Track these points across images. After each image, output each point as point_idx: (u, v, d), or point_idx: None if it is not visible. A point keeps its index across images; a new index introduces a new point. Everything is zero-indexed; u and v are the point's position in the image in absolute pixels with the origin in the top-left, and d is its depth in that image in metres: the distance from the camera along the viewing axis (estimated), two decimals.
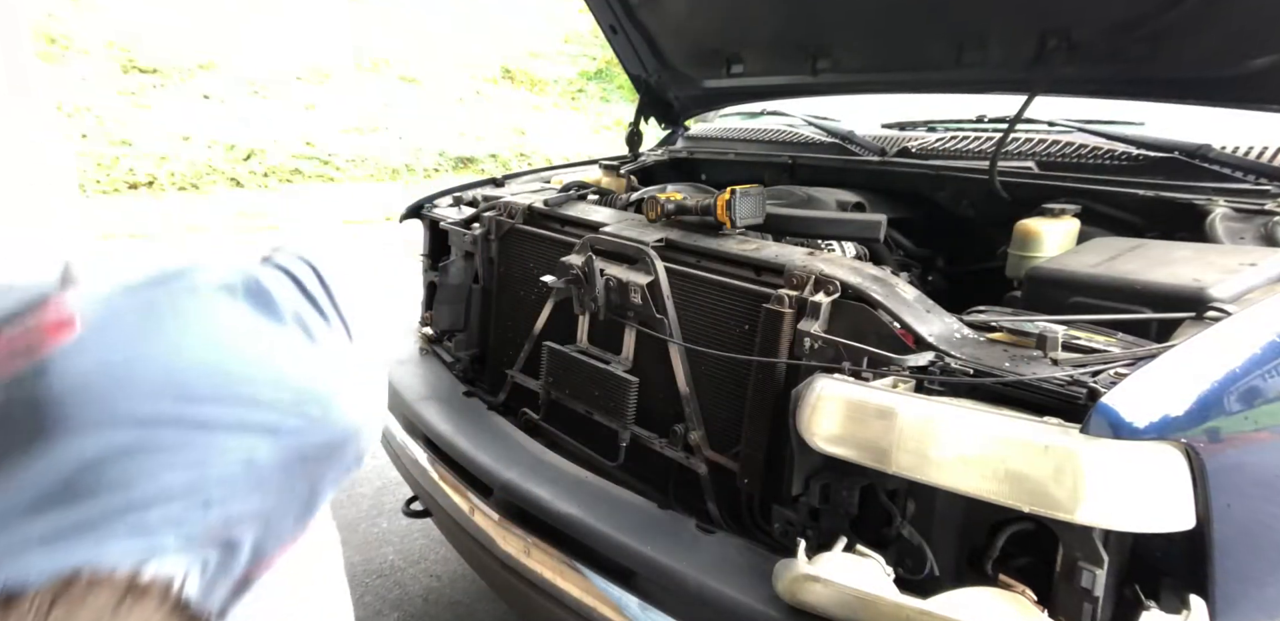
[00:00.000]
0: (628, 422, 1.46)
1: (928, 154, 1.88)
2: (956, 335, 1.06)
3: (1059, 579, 0.89)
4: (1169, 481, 0.82)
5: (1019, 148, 1.76)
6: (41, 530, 0.51)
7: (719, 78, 2.23)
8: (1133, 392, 0.83)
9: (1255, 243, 1.29)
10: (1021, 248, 1.42)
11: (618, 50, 2.34)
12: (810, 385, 1.03)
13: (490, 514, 1.45)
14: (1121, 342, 1.00)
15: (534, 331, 1.70)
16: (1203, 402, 0.83)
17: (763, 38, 2.06)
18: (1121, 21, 1.43)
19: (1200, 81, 1.44)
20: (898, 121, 2.16)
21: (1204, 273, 1.08)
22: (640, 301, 1.42)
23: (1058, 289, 1.18)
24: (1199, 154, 1.48)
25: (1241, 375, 0.87)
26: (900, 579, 0.99)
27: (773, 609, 1.03)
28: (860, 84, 2.04)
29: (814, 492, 1.11)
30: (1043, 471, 0.83)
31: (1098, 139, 1.66)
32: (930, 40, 1.75)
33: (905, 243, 1.74)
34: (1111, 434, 0.81)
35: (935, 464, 0.91)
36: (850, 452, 0.99)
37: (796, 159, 2.08)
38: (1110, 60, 1.50)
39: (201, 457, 0.55)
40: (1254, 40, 1.35)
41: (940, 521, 1.00)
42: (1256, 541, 0.91)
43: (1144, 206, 1.47)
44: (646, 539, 1.23)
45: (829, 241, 1.57)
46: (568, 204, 1.76)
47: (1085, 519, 0.82)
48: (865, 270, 1.19)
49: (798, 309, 1.17)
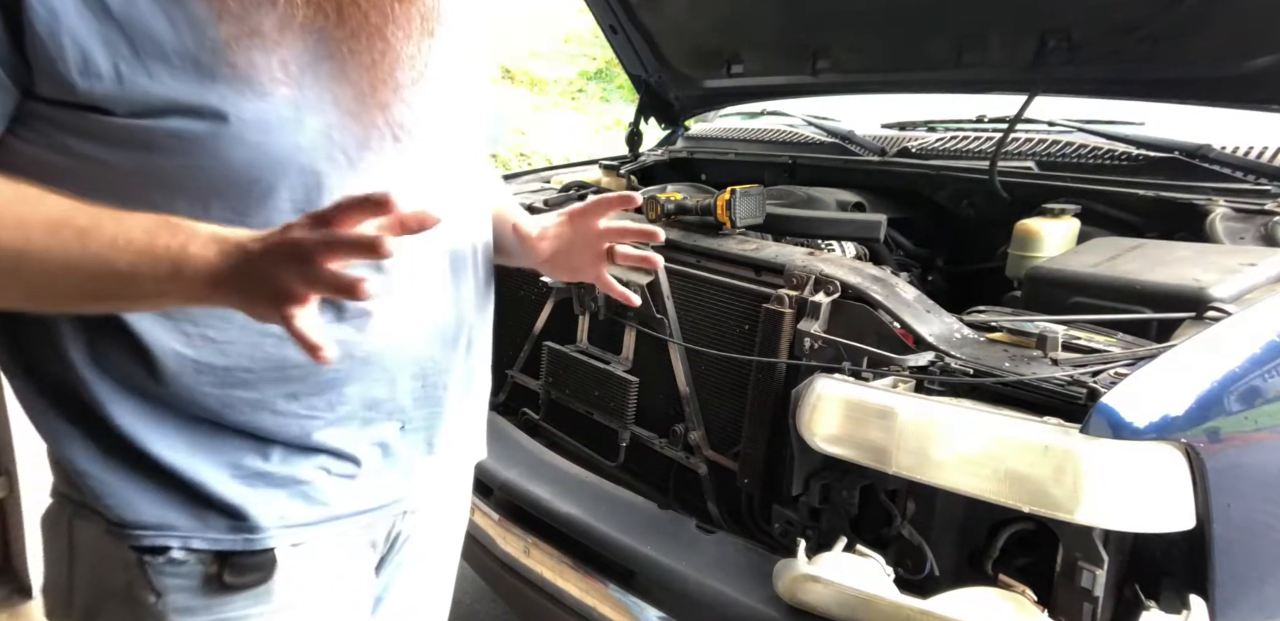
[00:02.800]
0: (628, 422, 1.46)
1: (928, 154, 1.88)
2: (956, 335, 1.06)
3: (1059, 579, 0.89)
4: (1169, 481, 0.82)
5: (1019, 148, 1.76)
6: None
7: (719, 78, 2.23)
8: (1133, 392, 0.83)
9: (1255, 243, 1.29)
10: (1021, 248, 1.42)
11: (618, 50, 2.33)
12: (810, 385, 1.03)
13: (490, 514, 1.45)
14: (1121, 342, 1.00)
15: (534, 331, 1.70)
16: (1203, 402, 0.83)
17: (763, 38, 2.06)
18: (1121, 21, 1.42)
19: (1200, 81, 1.44)
20: (898, 121, 2.16)
21: (1204, 273, 1.08)
22: (640, 301, 1.42)
23: (1058, 289, 1.18)
24: (1199, 154, 1.48)
25: (1241, 375, 0.87)
26: (900, 579, 0.99)
27: (773, 609, 1.03)
28: (860, 84, 2.04)
29: (814, 492, 1.11)
30: (1043, 471, 0.83)
31: (1098, 139, 1.66)
32: (930, 40, 1.75)
33: (905, 243, 1.74)
34: (1111, 434, 0.81)
35: (935, 464, 0.91)
36: (850, 452, 0.99)
37: (796, 159, 2.07)
38: (1110, 60, 1.50)
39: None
40: (1254, 40, 1.35)
41: (940, 521, 1.00)
42: (1256, 541, 0.91)
43: (1144, 206, 1.46)
44: (646, 539, 1.23)
45: (829, 241, 1.57)
46: (567, 204, 1.76)
47: (1085, 519, 0.82)
48: (865, 270, 1.19)
49: (798, 309, 1.17)
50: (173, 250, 0.54)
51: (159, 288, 0.55)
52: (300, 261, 0.52)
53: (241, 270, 0.54)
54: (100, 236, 0.54)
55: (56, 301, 0.59)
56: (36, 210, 0.55)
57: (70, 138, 0.58)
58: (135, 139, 0.58)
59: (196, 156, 0.59)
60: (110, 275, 0.55)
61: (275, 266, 0.53)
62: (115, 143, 0.58)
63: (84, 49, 0.54)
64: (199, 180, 0.60)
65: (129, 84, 0.55)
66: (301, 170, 0.62)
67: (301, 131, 0.61)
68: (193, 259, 0.54)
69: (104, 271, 0.54)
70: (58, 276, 0.55)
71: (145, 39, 0.56)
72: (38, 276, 0.55)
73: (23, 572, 1.87)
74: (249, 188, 0.61)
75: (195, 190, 0.60)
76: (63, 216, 0.55)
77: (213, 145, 0.58)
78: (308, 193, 0.63)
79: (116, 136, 0.57)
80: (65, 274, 0.55)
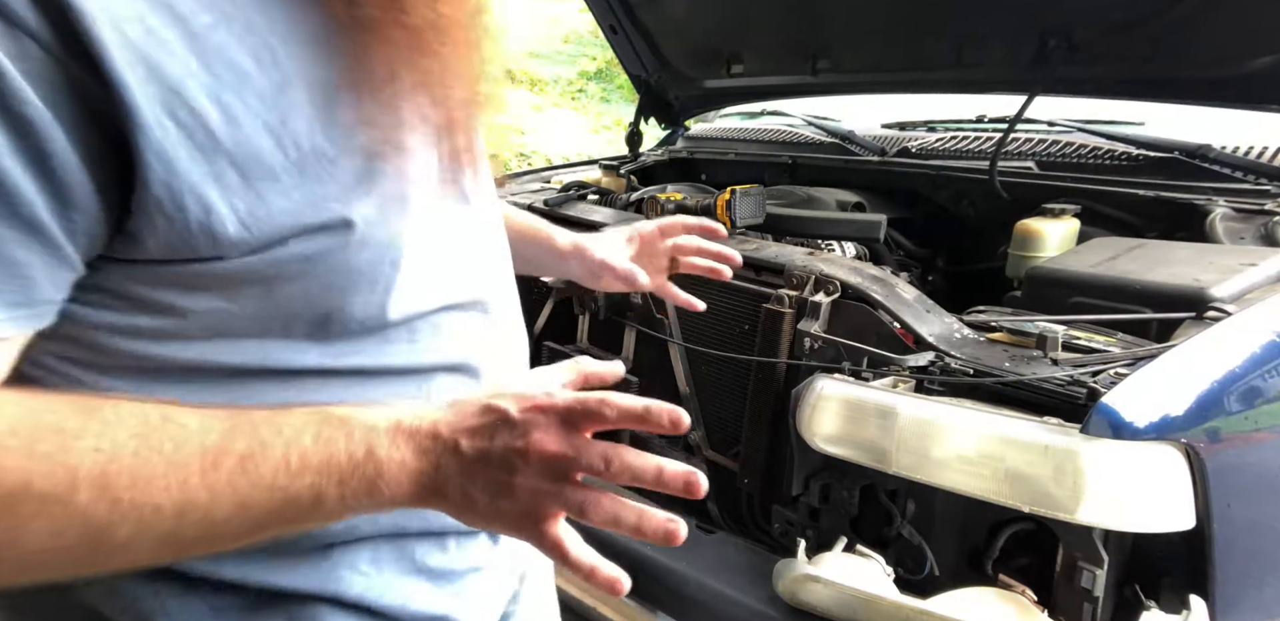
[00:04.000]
0: None
1: (928, 154, 1.88)
2: (956, 335, 1.06)
3: (1059, 579, 0.89)
4: (1169, 481, 0.82)
5: (1019, 148, 1.76)
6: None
7: (719, 78, 2.23)
8: (1133, 392, 0.83)
9: (1255, 243, 1.29)
10: (1021, 248, 1.42)
11: (618, 50, 2.33)
12: (810, 385, 1.03)
13: None
14: (1121, 342, 1.00)
15: (534, 331, 1.70)
16: (1203, 402, 0.83)
17: (763, 38, 2.06)
18: (1121, 21, 1.42)
19: (1200, 81, 1.44)
20: (898, 121, 2.15)
21: (1204, 273, 1.08)
22: (640, 301, 1.42)
23: (1058, 289, 1.18)
24: (1199, 154, 1.48)
25: (1241, 375, 0.87)
26: (900, 579, 0.99)
27: (773, 609, 1.03)
28: (860, 84, 2.04)
29: (814, 492, 1.11)
30: (1043, 471, 0.83)
31: (1098, 139, 1.66)
32: (930, 40, 1.75)
33: (905, 243, 1.74)
34: (1111, 434, 0.81)
35: (935, 464, 0.91)
36: (850, 452, 0.99)
37: (796, 159, 2.07)
38: (1110, 60, 1.50)
39: None
40: (1254, 40, 1.35)
41: (940, 521, 1.00)
42: (1256, 541, 0.91)
43: (1144, 206, 1.46)
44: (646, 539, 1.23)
45: (829, 241, 1.57)
46: (568, 204, 1.76)
47: (1085, 519, 0.82)
48: (865, 270, 1.19)
49: (798, 309, 1.17)
50: (357, 459, 0.44)
51: (349, 506, 0.45)
52: (547, 473, 0.45)
53: (450, 476, 0.45)
54: (270, 462, 0.42)
55: (211, 547, 0.45)
56: (182, 444, 0.42)
57: (169, 293, 0.47)
58: (254, 277, 0.48)
59: (324, 275, 0.50)
60: (289, 504, 0.43)
61: (500, 473, 0.45)
62: (230, 287, 0.48)
63: (202, 197, 0.43)
64: (325, 299, 0.51)
65: (247, 218, 0.45)
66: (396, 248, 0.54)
67: (407, 209, 0.54)
68: (387, 468, 0.45)
69: (281, 503, 0.43)
70: (224, 522, 0.43)
71: (252, 161, 0.45)
72: (202, 527, 0.42)
73: None
74: (371, 288, 0.53)
75: (315, 312, 0.52)
76: (216, 444, 0.42)
77: (341, 256, 0.50)
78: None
79: (232, 280, 0.47)
80: (235, 516, 0.43)
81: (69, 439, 0.40)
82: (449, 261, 0.59)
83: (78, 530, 0.39)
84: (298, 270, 0.49)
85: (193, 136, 0.42)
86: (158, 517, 0.40)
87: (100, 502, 0.39)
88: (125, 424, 0.41)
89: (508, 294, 0.69)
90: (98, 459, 0.39)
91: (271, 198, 0.46)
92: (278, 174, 0.46)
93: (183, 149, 0.42)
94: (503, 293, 0.68)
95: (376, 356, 0.56)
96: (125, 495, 0.39)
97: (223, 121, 0.43)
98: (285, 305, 0.50)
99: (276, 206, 0.46)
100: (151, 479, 0.40)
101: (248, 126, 0.44)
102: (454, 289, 0.59)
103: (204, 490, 0.41)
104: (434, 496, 0.46)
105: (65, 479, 0.39)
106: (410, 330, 0.57)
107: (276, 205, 0.46)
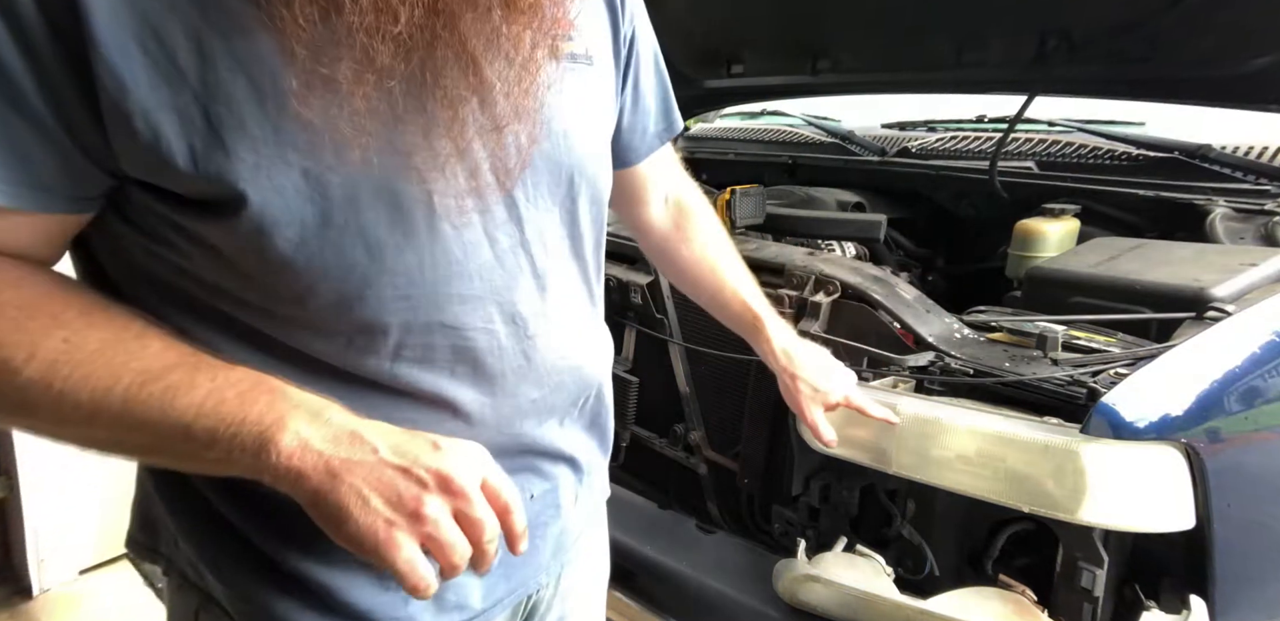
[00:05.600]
0: (628, 422, 1.46)
1: (928, 154, 1.88)
2: (956, 335, 1.06)
3: (1059, 579, 0.89)
4: (1169, 481, 0.82)
5: (1019, 148, 1.76)
6: None
7: (719, 78, 2.23)
8: (1133, 392, 0.83)
9: (1255, 243, 1.29)
10: (1021, 248, 1.42)
11: None
12: None
13: None
14: (1121, 342, 1.00)
15: None
16: (1203, 403, 0.83)
17: (763, 38, 2.06)
18: (1121, 21, 1.42)
19: (1200, 81, 1.44)
20: (898, 121, 2.16)
21: (1204, 273, 1.08)
22: (640, 301, 1.42)
23: (1058, 289, 1.18)
24: (1199, 154, 1.48)
25: (1241, 375, 0.86)
26: (900, 579, 0.99)
27: (773, 609, 1.03)
28: (860, 84, 2.04)
29: (814, 492, 1.11)
30: (1043, 471, 0.83)
31: (1098, 139, 1.66)
32: (930, 40, 1.75)
33: (905, 243, 1.74)
34: (1111, 434, 0.81)
35: (935, 464, 0.91)
36: (850, 453, 0.99)
37: (796, 159, 2.07)
38: (1110, 60, 1.49)
39: None
40: (1254, 40, 1.35)
41: (940, 521, 1.00)
42: (1256, 541, 0.91)
43: (1144, 206, 1.46)
44: (646, 539, 1.23)
45: (829, 241, 1.57)
46: None
47: (1085, 519, 0.82)
48: (865, 270, 1.19)
49: (798, 309, 1.17)
50: (264, 423, 0.47)
51: (227, 462, 0.48)
52: (402, 510, 0.47)
53: (323, 490, 0.47)
54: (190, 397, 0.47)
55: (105, 449, 0.50)
56: (132, 359, 0.47)
57: (176, 218, 0.50)
58: (240, 231, 0.49)
59: (290, 249, 0.51)
60: (185, 439, 0.47)
61: (366, 499, 0.46)
62: (224, 241, 0.50)
63: (154, 124, 0.45)
64: (297, 278, 0.52)
65: (201, 157, 0.47)
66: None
67: (402, 202, 0.53)
68: (285, 438, 0.47)
69: (177, 434, 0.47)
70: (127, 431, 0.48)
71: (222, 105, 0.46)
72: (105, 431, 0.48)
73: (23, 572, 1.87)
74: (345, 279, 0.53)
75: (293, 291, 0.53)
76: (159, 368, 0.47)
77: (309, 231, 0.51)
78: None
79: (226, 233, 0.50)
80: (135, 431, 0.47)
81: (53, 325, 0.47)
82: (452, 264, 0.56)
83: (10, 397, 0.47)
84: (265, 242, 0.50)
85: (156, 65, 0.45)
86: (75, 412, 0.46)
87: (38, 383, 0.46)
88: (104, 328, 0.48)
89: (557, 304, 0.64)
90: (61, 348, 0.46)
91: (236, 147, 0.47)
92: (249, 126, 0.47)
93: (143, 74, 0.45)
94: (549, 302, 0.63)
95: (362, 353, 0.56)
96: (59, 384, 0.46)
97: (195, 59, 0.46)
98: (269, 277, 0.52)
99: (238, 156, 0.47)
100: (87, 377, 0.46)
101: (224, 71, 0.46)
102: (456, 294, 0.57)
103: (121, 401, 0.46)
104: (311, 486, 0.47)
105: (26, 354, 0.46)
106: (400, 342, 0.56)
107: (239, 155, 0.47)
